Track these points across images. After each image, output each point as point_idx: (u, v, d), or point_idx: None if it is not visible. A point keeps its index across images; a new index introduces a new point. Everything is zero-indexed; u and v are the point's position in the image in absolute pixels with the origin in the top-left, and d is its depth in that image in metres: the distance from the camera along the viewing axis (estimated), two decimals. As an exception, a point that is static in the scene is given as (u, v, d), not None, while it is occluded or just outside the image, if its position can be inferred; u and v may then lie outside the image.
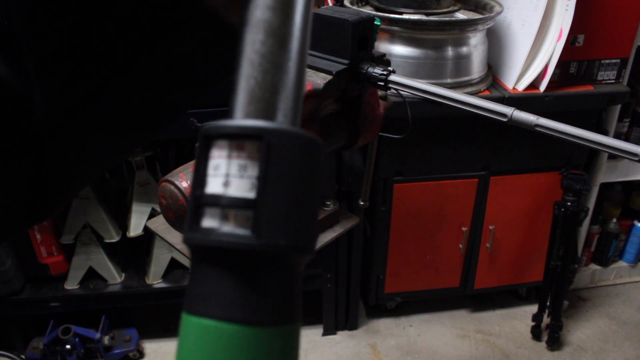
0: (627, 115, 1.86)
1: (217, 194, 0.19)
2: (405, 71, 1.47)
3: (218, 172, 0.20)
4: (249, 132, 0.19)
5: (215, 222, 0.19)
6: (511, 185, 1.77)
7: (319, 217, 0.21)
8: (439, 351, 1.93)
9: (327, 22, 0.75)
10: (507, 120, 0.66)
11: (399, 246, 1.84)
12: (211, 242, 0.19)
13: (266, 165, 0.19)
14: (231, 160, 0.20)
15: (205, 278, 0.19)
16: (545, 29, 1.48)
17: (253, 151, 0.19)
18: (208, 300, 0.19)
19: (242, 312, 0.19)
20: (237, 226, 0.19)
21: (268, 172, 0.19)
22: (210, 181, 0.20)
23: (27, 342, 1.75)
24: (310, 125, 0.78)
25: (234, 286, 0.19)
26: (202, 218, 0.20)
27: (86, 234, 1.70)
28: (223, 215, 0.19)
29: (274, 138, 0.19)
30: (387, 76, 0.74)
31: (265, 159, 0.19)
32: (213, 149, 0.20)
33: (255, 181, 0.19)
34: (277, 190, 0.19)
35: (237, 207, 0.19)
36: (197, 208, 0.20)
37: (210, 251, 0.20)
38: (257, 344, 0.19)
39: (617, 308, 2.13)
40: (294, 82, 0.21)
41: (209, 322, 0.19)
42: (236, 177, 0.19)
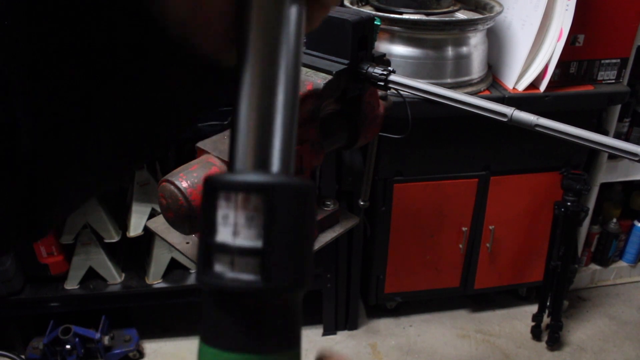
0: (627, 115, 1.86)
1: (228, 243, 0.22)
2: (405, 71, 1.47)
3: (227, 222, 0.22)
4: (254, 187, 0.22)
5: (226, 268, 0.22)
6: (511, 185, 1.77)
7: (313, 254, 0.24)
8: (439, 351, 1.93)
9: (327, 22, 0.75)
10: (507, 120, 0.66)
11: (399, 246, 1.84)
12: (223, 286, 0.22)
13: (270, 217, 0.21)
14: (238, 212, 0.22)
15: (220, 316, 0.22)
16: (545, 29, 1.48)
17: (258, 204, 0.21)
18: (224, 335, 0.22)
19: (255, 344, 0.22)
20: (246, 272, 0.21)
21: (272, 223, 0.21)
22: (220, 230, 0.22)
23: (27, 342, 1.75)
24: (310, 125, 0.78)
25: (246, 323, 0.22)
26: (214, 263, 0.22)
27: (86, 234, 1.70)
28: (233, 261, 0.22)
29: (276, 192, 0.22)
30: (387, 76, 0.74)
31: (269, 211, 0.21)
32: (221, 200, 0.22)
33: (261, 231, 0.21)
34: (281, 238, 0.22)
35: (246, 255, 0.22)
36: (209, 254, 0.22)
37: (223, 293, 0.22)
38: None
39: (617, 308, 2.13)
40: (288, 135, 0.23)
41: (226, 353, 0.22)
42: (244, 227, 0.22)
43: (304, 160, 0.78)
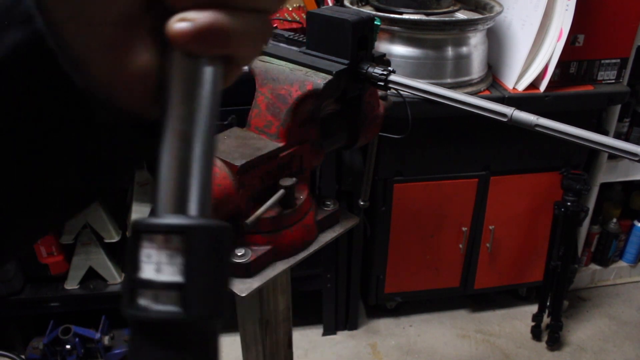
0: (627, 115, 1.86)
1: (151, 279, 0.24)
2: (405, 71, 1.47)
3: (150, 260, 0.24)
4: (174, 229, 0.24)
5: (151, 301, 0.24)
6: (511, 185, 1.77)
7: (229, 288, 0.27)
8: (439, 351, 1.93)
9: (327, 22, 0.75)
10: (507, 120, 0.66)
11: (399, 246, 1.84)
12: (149, 317, 0.24)
13: (189, 255, 0.24)
14: (160, 251, 0.24)
15: (145, 346, 0.24)
16: (545, 29, 1.48)
17: (178, 244, 0.24)
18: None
19: None
20: (169, 304, 0.24)
21: (191, 260, 0.24)
22: (144, 267, 0.24)
23: (27, 342, 1.75)
24: (310, 125, 0.78)
25: (170, 351, 0.24)
26: (140, 297, 0.24)
27: (86, 234, 1.70)
28: (156, 295, 0.24)
29: (193, 232, 0.24)
30: (387, 76, 0.74)
31: (188, 249, 0.24)
32: (144, 241, 0.24)
33: (181, 267, 0.24)
34: (199, 274, 0.24)
35: (168, 289, 0.24)
36: (134, 289, 0.24)
37: (147, 324, 0.24)
38: None
39: (617, 308, 2.13)
40: (205, 181, 0.26)
41: None
42: (166, 264, 0.24)
43: (304, 160, 0.79)
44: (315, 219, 0.82)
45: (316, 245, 0.81)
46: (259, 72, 0.77)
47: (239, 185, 0.70)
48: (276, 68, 0.76)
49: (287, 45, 0.82)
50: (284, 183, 0.73)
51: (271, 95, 0.75)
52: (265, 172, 0.73)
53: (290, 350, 0.96)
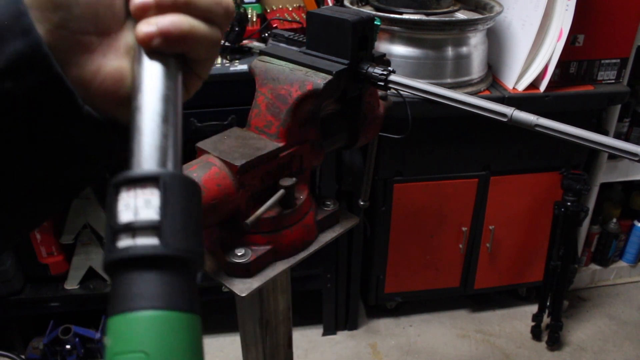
0: (627, 115, 1.86)
1: (130, 221, 0.26)
2: (405, 71, 1.47)
3: (128, 207, 0.26)
4: (150, 176, 0.26)
5: (130, 241, 0.25)
6: (511, 185, 1.77)
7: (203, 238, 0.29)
8: (439, 351, 1.93)
9: (327, 22, 0.75)
10: (507, 120, 0.66)
11: (399, 246, 1.84)
12: (129, 254, 0.25)
13: (164, 197, 0.26)
14: (137, 197, 0.26)
15: (126, 284, 0.25)
16: (545, 29, 1.48)
17: (153, 189, 0.26)
18: (129, 300, 0.25)
19: (157, 302, 0.25)
20: (148, 240, 0.25)
21: (166, 201, 0.26)
22: (122, 215, 0.26)
23: (27, 342, 1.75)
24: (310, 125, 0.78)
25: (153, 283, 0.25)
26: (118, 241, 0.25)
27: (86, 234, 1.70)
28: (135, 235, 0.25)
29: (167, 179, 0.26)
30: (387, 76, 0.74)
31: (163, 193, 0.26)
32: (122, 192, 0.26)
33: (157, 209, 0.26)
34: (173, 214, 0.26)
35: (146, 228, 0.25)
36: (114, 235, 0.26)
37: (129, 262, 0.25)
38: (174, 324, 0.25)
39: (617, 308, 2.13)
40: (176, 141, 0.30)
41: (132, 314, 0.24)
42: (143, 208, 0.26)
43: (304, 160, 0.78)
44: (315, 219, 0.82)
45: (316, 245, 0.81)
46: (259, 72, 0.77)
47: (239, 185, 0.70)
48: (276, 68, 0.76)
49: (287, 45, 0.82)
50: (284, 183, 0.73)
51: (271, 95, 0.75)
52: (265, 172, 0.73)
53: (290, 350, 0.96)
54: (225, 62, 1.51)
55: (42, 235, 1.67)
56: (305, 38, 0.79)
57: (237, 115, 1.49)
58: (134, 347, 0.24)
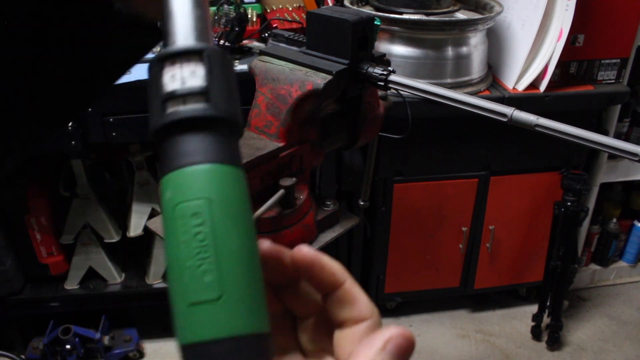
0: (627, 115, 1.86)
1: (177, 89, 0.27)
2: (405, 71, 1.47)
3: (175, 78, 0.28)
4: (193, 50, 0.28)
5: (179, 107, 0.27)
6: (511, 185, 1.77)
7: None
8: (439, 351, 1.93)
9: (327, 22, 0.75)
10: (507, 120, 0.66)
11: (399, 246, 1.84)
12: (179, 118, 0.27)
13: (208, 67, 0.28)
14: (183, 68, 0.28)
15: (184, 144, 0.27)
16: (545, 29, 1.48)
17: (197, 61, 0.28)
18: (181, 157, 0.27)
19: (218, 156, 0.27)
20: (198, 104, 0.27)
21: (211, 71, 0.28)
22: (169, 84, 0.28)
23: (27, 342, 1.75)
24: (310, 125, 0.78)
25: (207, 141, 0.27)
26: (168, 108, 0.27)
27: (86, 234, 1.70)
28: (185, 101, 0.27)
29: (210, 52, 0.28)
30: (387, 76, 0.74)
31: (208, 63, 0.28)
32: (166, 66, 0.28)
33: (203, 77, 0.28)
34: (218, 81, 0.28)
35: (195, 94, 0.27)
36: (163, 103, 0.27)
37: (183, 124, 0.27)
38: (229, 176, 0.27)
39: (617, 308, 2.13)
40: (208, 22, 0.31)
41: (186, 169, 0.27)
42: (189, 77, 0.28)
43: (304, 160, 0.79)
44: (315, 219, 0.82)
45: (316, 245, 0.81)
46: (259, 72, 0.77)
47: (239, 185, 0.70)
48: (276, 68, 0.76)
49: (287, 45, 0.82)
50: (284, 183, 0.73)
51: (271, 95, 0.75)
52: (265, 172, 0.73)
53: (290, 350, 0.96)
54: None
55: (42, 235, 1.67)
56: (305, 38, 0.79)
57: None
58: (197, 195, 0.26)
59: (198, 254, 0.26)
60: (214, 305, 0.26)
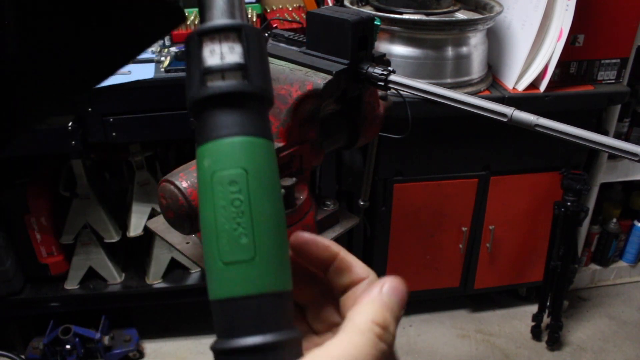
0: (627, 115, 1.86)
1: (217, 64, 0.29)
2: (405, 71, 1.47)
3: (214, 53, 0.29)
4: (232, 27, 0.30)
5: (219, 81, 0.29)
6: (511, 185, 1.77)
7: None
8: (439, 351, 1.93)
9: (327, 22, 0.75)
10: (507, 120, 0.66)
11: (399, 246, 1.84)
12: (220, 91, 0.29)
13: (246, 44, 0.30)
14: (222, 45, 0.29)
15: (222, 117, 0.29)
16: (545, 29, 1.48)
17: (235, 38, 0.30)
18: (219, 128, 0.29)
19: (253, 129, 0.29)
20: (235, 79, 0.29)
21: (248, 48, 0.30)
22: (209, 59, 0.29)
23: (27, 342, 1.75)
24: (310, 125, 0.78)
25: (244, 115, 0.29)
26: (208, 82, 0.29)
27: (86, 234, 1.70)
28: (224, 76, 0.29)
29: (247, 29, 0.30)
30: (387, 76, 0.74)
31: (245, 41, 0.30)
32: (206, 41, 0.30)
33: (241, 53, 0.29)
34: (254, 58, 0.30)
35: (233, 70, 0.29)
36: (202, 77, 0.29)
37: (220, 98, 0.29)
38: (262, 148, 0.30)
39: (617, 308, 2.13)
40: (241, 2, 0.32)
41: (225, 139, 0.29)
42: (228, 53, 0.29)
43: (304, 160, 0.79)
44: (315, 219, 0.82)
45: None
46: (259, 72, 0.77)
47: (239, 185, 0.70)
48: (276, 68, 0.76)
49: (287, 45, 0.82)
50: (284, 183, 0.73)
51: (271, 95, 0.75)
52: (265, 172, 0.73)
53: (290, 350, 0.96)
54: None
55: (42, 235, 1.67)
56: (305, 38, 0.79)
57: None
58: (235, 164, 0.29)
59: (235, 219, 0.28)
60: (248, 265, 0.28)
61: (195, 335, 1.98)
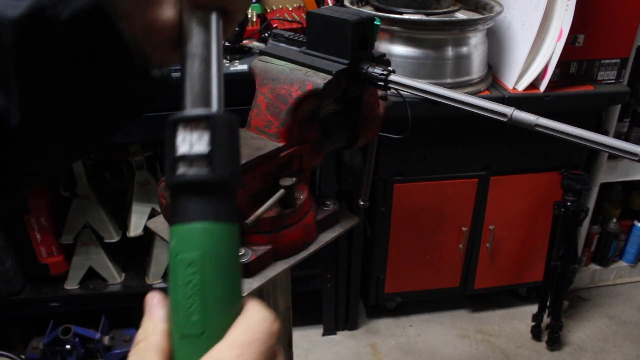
0: (627, 115, 1.86)
1: (187, 153, 0.32)
2: (405, 71, 1.47)
3: (184, 142, 0.33)
4: (201, 117, 0.33)
5: (187, 169, 0.32)
6: (511, 185, 1.77)
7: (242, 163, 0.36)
8: (439, 351, 1.93)
9: (327, 22, 0.75)
10: (507, 120, 0.66)
11: (399, 246, 1.84)
12: (185, 180, 0.32)
13: (213, 133, 0.32)
14: (192, 134, 0.33)
15: (184, 202, 0.32)
16: (545, 29, 1.48)
17: (205, 127, 0.33)
18: (187, 213, 0.32)
19: (209, 215, 0.32)
20: (200, 169, 0.32)
21: (214, 136, 0.32)
22: (181, 147, 0.32)
23: (27, 342, 1.75)
24: (310, 125, 0.78)
25: (205, 201, 0.32)
26: (178, 169, 0.32)
27: (86, 234, 1.70)
28: (192, 164, 0.32)
29: (215, 119, 0.33)
30: (387, 76, 0.74)
31: (212, 130, 0.33)
32: (179, 129, 0.33)
33: (208, 143, 0.32)
34: (221, 147, 0.33)
35: (200, 159, 0.32)
36: (174, 164, 0.32)
37: (186, 186, 0.32)
38: (221, 232, 0.33)
39: (617, 308, 2.13)
40: (220, 86, 0.36)
41: (190, 224, 0.32)
42: (197, 142, 0.32)
43: (304, 160, 0.79)
44: (315, 219, 0.82)
45: (316, 245, 0.81)
46: (259, 72, 0.77)
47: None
48: (276, 68, 0.76)
49: (287, 45, 0.82)
50: (284, 183, 0.73)
51: (271, 95, 0.75)
52: (265, 172, 0.73)
53: (290, 350, 0.96)
54: (225, 62, 1.51)
55: (42, 235, 1.67)
56: (305, 38, 0.79)
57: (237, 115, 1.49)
58: (193, 248, 0.32)
59: (190, 297, 0.32)
60: (197, 339, 0.31)
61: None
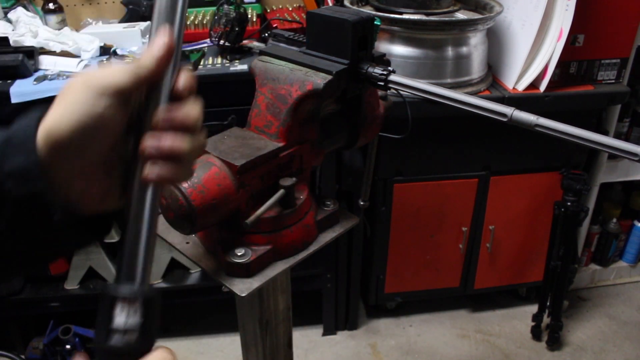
0: (627, 115, 1.86)
1: (120, 326, 0.40)
2: (405, 71, 1.47)
3: (121, 313, 0.40)
4: (134, 295, 0.41)
5: (120, 340, 0.40)
6: (511, 185, 1.77)
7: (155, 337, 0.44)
8: (439, 351, 1.93)
9: (327, 22, 0.75)
10: (507, 120, 0.66)
11: (399, 246, 1.84)
12: (120, 349, 0.40)
13: (144, 309, 0.41)
14: (129, 309, 0.40)
15: None
16: (545, 29, 1.48)
17: (137, 303, 0.41)
18: None
19: None
20: (131, 339, 0.40)
21: (146, 311, 0.41)
22: (116, 319, 0.40)
23: (27, 342, 1.75)
24: (310, 125, 0.78)
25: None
26: (112, 340, 0.40)
27: (86, 234, 1.69)
28: (124, 334, 0.40)
29: (145, 295, 0.41)
30: (387, 76, 0.74)
31: (142, 306, 0.41)
32: (117, 302, 0.40)
33: (139, 315, 0.41)
34: (148, 319, 0.41)
35: (131, 330, 0.40)
36: (109, 334, 0.40)
37: (119, 353, 0.40)
38: None
39: (617, 308, 2.13)
40: (147, 260, 0.44)
41: None
42: (130, 315, 0.40)
43: (304, 160, 0.79)
44: (315, 219, 0.82)
45: (316, 245, 0.81)
46: (259, 72, 0.77)
47: (239, 185, 0.70)
48: (276, 68, 0.76)
49: (287, 45, 0.82)
50: (284, 183, 0.73)
51: (271, 95, 0.75)
52: (265, 172, 0.73)
53: (290, 350, 0.96)
54: (225, 62, 1.51)
55: (42, 235, 1.67)
56: (305, 38, 0.79)
57: (237, 115, 1.50)
58: None
59: None
60: None
61: (195, 335, 1.98)
